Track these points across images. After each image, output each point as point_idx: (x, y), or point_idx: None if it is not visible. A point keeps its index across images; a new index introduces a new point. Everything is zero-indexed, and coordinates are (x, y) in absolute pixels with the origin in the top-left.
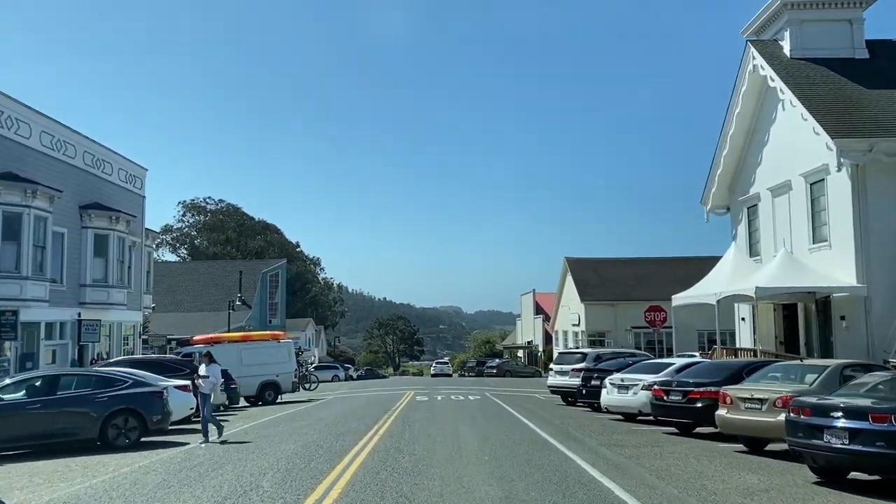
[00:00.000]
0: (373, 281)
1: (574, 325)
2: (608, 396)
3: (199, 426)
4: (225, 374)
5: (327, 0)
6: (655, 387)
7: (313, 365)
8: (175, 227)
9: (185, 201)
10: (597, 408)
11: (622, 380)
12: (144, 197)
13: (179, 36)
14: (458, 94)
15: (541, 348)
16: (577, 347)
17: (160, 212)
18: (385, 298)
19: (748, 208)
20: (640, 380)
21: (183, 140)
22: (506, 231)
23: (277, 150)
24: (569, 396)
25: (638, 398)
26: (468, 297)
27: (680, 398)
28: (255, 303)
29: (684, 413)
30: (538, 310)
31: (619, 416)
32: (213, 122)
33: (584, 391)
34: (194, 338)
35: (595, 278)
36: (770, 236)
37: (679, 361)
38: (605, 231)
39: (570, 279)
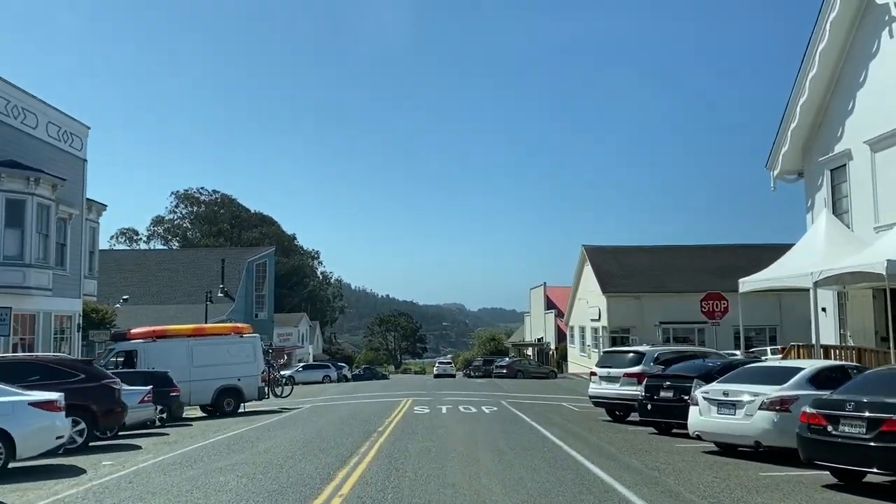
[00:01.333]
0: (376, 278)
1: (593, 319)
2: (702, 418)
3: (74, 461)
4: (163, 378)
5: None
6: (809, 409)
7: (302, 364)
8: (167, 217)
9: (177, 191)
10: (665, 429)
11: (725, 393)
12: (86, 160)
13: (179, 35)
14: (460, 88)
15: (553, 346)
16: (599, 343)
17: (156, 206)
18: (388, 296)
19: (832, 171)
20: (758, 394)
21: (181, 137)
22: (509, 229)
23: (277, 148)
24: (617, 410)
25: (754, 422)
26: (472, 295)
27: (861, 430)
28: (239, 294)
29: (870, 456)
30: (549, 305)
31: (712, 446)
32: (213, 119)
33: (648, 406)
34: (132, 331)
35: (617, 268)
36: (867, 202)
37: (808, 365)
38: (606, 230)
39: (588, 269)
